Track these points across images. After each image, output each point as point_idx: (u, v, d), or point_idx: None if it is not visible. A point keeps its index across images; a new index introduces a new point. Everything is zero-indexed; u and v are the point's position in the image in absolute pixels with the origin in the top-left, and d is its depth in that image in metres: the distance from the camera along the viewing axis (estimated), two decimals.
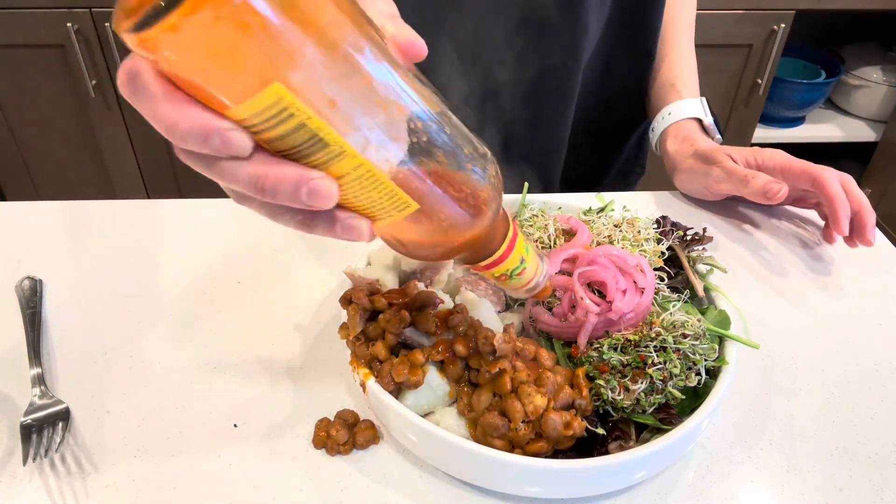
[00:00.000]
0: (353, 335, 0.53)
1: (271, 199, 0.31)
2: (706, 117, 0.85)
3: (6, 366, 0.60)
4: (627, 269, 0.55)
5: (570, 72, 0.85)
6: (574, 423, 0.48)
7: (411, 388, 0.50)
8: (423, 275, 0.58)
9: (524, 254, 0.44)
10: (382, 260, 0.60)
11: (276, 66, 0.27)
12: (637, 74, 0.94)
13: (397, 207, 0.35)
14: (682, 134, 0.85)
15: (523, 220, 0.63)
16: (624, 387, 0.50)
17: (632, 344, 0.51)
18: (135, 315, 0.66)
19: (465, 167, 0.36)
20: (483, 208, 0.37)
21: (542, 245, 0.61)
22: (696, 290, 0.59)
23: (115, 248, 0.73)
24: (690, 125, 0.85)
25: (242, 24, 0.25)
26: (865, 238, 0.72)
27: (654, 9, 0.88)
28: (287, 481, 0.52)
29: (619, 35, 0.88)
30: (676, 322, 0.53)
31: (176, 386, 0.59)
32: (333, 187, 0.31)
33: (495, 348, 0.49)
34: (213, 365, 0.61)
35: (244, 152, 0.30)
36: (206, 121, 0.28)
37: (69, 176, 1.88)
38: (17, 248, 0.73)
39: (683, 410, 0.52)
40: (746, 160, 0.78)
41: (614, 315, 0.53)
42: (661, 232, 0.63)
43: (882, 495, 0.52)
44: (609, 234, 0.61)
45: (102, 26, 1.62)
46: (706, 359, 0.52)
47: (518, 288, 0.47)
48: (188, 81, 0.28)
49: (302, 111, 0.28)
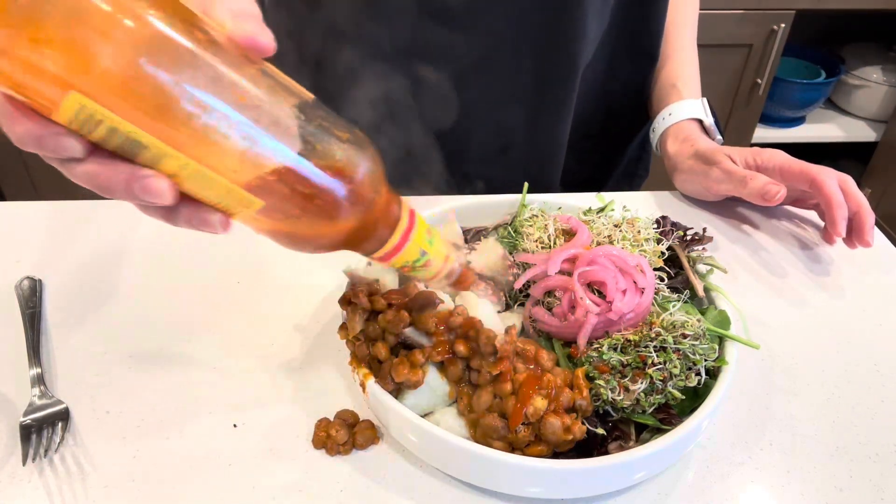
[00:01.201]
0: (353, 335, 0.53)
1: (110, 195, 0.34)
2: (707, 118, 0.85)
3: (6, 366, 0.60)
4: (627, 269, 0.55)
5: (567, 77, 0.85)
6: (574, 427, 0.48)
7: (411, 388, 0.50)
8: None
9: (424, 245, 0.44)
10: None
11: (71, 76, 0.29)
12: (639, 77, 0.94)
13: (242, 204, 0.36)
14: (683, 134, 0.85)
15: (523, 220, 0.63)
16: (624, 387, 0.50)
17: (632, 344, 0.51)
18: (135, 315, 0.66)
19: (314, 162, 0.36)
20: (341, 203, 0.37)
21: (542, 245, 0.61)
22: (696, 291, 0.59)
23: (115, 248, 0.73)
24: (691, 126, 0.85)
25: (33, 38, 0.28)
26: (864, 239, 0.72)
27: (655, 12, 0.88)
28: (287, 481, 0.52)
29: (620, 39, 0.88)
30: (676, 322, 0.53)
31: (176, 386, 0.59)
32: (164, 184, 0.33)
33: (497, 349, 0.49)
34: (213, 365, 0.61)
35: (77, 153, 0.32)
36: (37, 127, 0.31)
37: None
38: (16, 248, 0.73)
39: (683, 410, 0.52)
40: (746, 161, 0.78)
41: (614, 315, 0.53)
42: (661, 232, 0.63)
43: (882, 495, 0.52)
44: (609, 234, 0.61)
45: None
46: (706, 359, 0.52)
47: (429, 279, 0.47)
48: (13, 91, 0.30)
49: (108, 117, 0.30)
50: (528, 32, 0.80)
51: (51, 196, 0.81)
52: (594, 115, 0.94)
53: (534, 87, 0.85)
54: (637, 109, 0.97)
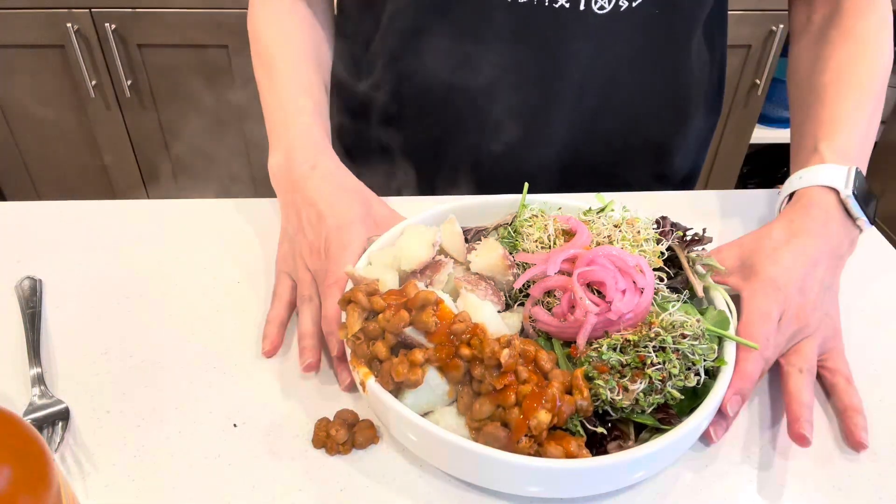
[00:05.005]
0: (352, 334, 0.53)
1: None
2: (845, 188, 0.64)
3: (6, 366, 0.60)
4: (627, 270, 0.55)
5: (555, 90, 0.80)
6: (578, 456, 0.48)
7: (411, 387, 0.50)
8: (422, 274, 0.59)
9: None
10: (382, 259, 0.60)
11: None
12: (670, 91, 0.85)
13: None
14: (802, 204, 0.64)
15: (523, 220, 0.63)
16: (623, 387, 0.50)
17: (631, 344, 0.51)
18: (135, 315, 0.66)
19: None
20: None
21: (541, 245, 0.61)
22: (696, 291, 0.59)
23: (115, 248, 0.73)
24: (821, 197, 0.64)
25: None
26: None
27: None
28: (287, 481, 0.52)
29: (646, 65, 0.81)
30: (676, 322, 0.53)
31: (176, 386, 0.59)
32: None
33: (501, 364, 0.49)
34: (213, 365, 0.61)
35: None
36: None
37: (69, 176, 1.88)
38: (17, 248, 0.73)
39: (683, 410, 0.52)
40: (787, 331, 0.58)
41: (613, 315, 0.53)
42: (660, 232, 0.63)
43: (882, 495, 0.52)
44: (609, 234, 0.61)
45: (102, 26, 1.62)
46: (705, 359, 0.52)
47: None
48: None
49: None
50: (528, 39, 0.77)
51: (51, 196, 0.81)
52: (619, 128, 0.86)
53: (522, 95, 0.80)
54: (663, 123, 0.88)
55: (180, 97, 1.78)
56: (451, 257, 0.61)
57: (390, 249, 0.61)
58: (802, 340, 0.59)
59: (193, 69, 1.74)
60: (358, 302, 0.53)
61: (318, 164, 0.69)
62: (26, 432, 0.36)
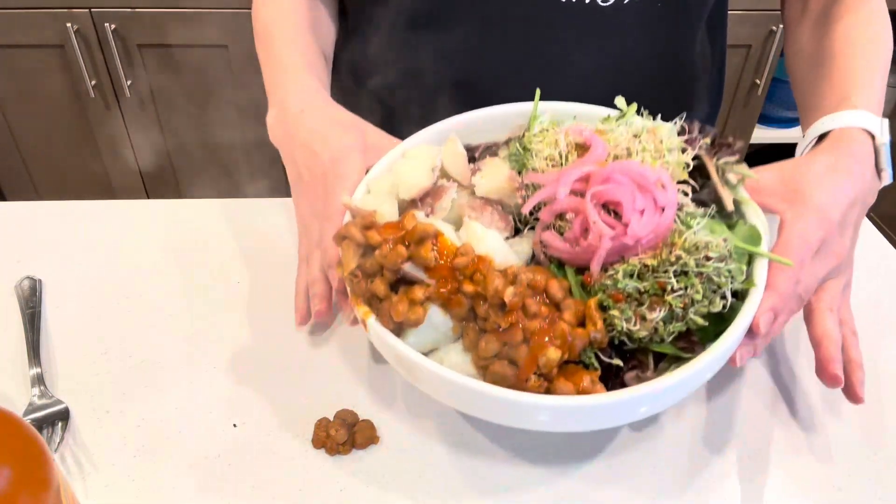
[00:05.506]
0: (349, 272, 0.49)
1: None
2: (881, 135, 0.61)
3: (6, 366, 0.60)
4: (647, 186, 0.49)
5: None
6: (591, 391, 0.45)
7: (412, 326, 0.47)
8: (423, 202, 0.54)
9: None
10: (382, 186, 0.56)
11: None
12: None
13: None
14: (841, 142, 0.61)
15: (532, 136, 0.57)
16: (640, 316, 0.46)
17: (650, 269, 0.47)
18: (135, 315, 0.66)
19: None
20: None
21: (552, 163, 0.54)
22: (726, 203, 0.53)
23: (115, 248, 0.73)
24: (861, 138, 0.61)
25: None
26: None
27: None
28: (287, 481, 0.52)
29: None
30: (700, 243, 0.47)
31: (175, 386, 0.59)
32: None
33: (505, 304, 0.45)
34: (213, 365, 0.61)
35: None
36: None
37: (69, 176, 1.88)
38: (16, 248, 0.73)
39: (707, 336, 0.47)
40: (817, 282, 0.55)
41: (630, 239, 0.48)
42: (686, 140, 0.55)
43: (882, 495, 0.52)
44: (627, 146, 0.53)
45: (102, 26, 1.62)
46: (733, 280, 0.47)
47: None
48: None
49: None
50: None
51: (51, 196, 0.81)
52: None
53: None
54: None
55: (180, 97, 1.78)
56: (455, 181, 0.56)
57: (390, 175, 0.57)
58: (830, 280, 0.56)
59: (193, 69, 1.74)
60: (352, 237, 0.49)
61: (308, 105, 0.67)
62: (26, 432, 0.36)
